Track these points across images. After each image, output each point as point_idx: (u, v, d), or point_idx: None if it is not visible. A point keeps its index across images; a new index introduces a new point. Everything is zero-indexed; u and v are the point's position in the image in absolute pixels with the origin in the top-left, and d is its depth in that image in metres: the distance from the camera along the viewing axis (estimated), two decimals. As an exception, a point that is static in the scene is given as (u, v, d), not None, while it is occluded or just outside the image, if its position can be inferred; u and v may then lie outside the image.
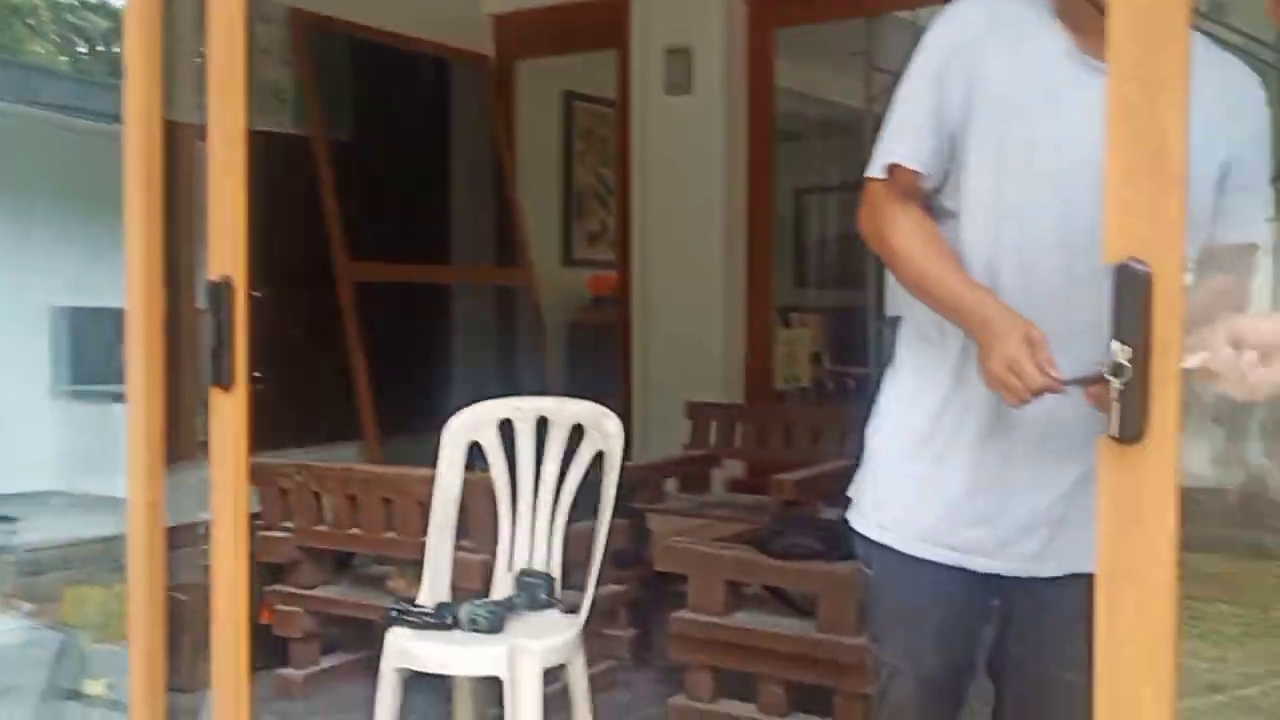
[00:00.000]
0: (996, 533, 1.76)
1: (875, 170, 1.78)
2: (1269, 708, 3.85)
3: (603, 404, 2.94)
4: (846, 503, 1.96)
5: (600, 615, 3.64)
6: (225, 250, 1.91)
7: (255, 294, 1.94)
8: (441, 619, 2.74)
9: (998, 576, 1.79)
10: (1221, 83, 1.67)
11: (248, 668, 2.00)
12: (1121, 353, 1.19)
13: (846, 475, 2.00)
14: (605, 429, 2.84)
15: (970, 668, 1.90)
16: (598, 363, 5.83)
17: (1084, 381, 1.39)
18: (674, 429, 5.03)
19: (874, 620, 1.95)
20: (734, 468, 5.21)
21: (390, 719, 2.70)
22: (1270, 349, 1.30)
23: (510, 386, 4.94)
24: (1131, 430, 1.22)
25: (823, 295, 7.58)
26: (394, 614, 2.77)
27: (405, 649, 2.66)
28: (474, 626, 2.72)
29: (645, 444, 5.35)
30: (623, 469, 2.85)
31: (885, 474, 1.87)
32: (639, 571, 3.74)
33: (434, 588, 2.88)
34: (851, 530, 1.92)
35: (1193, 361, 1.27)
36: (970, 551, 1.78)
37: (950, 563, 1.79)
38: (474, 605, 2.76)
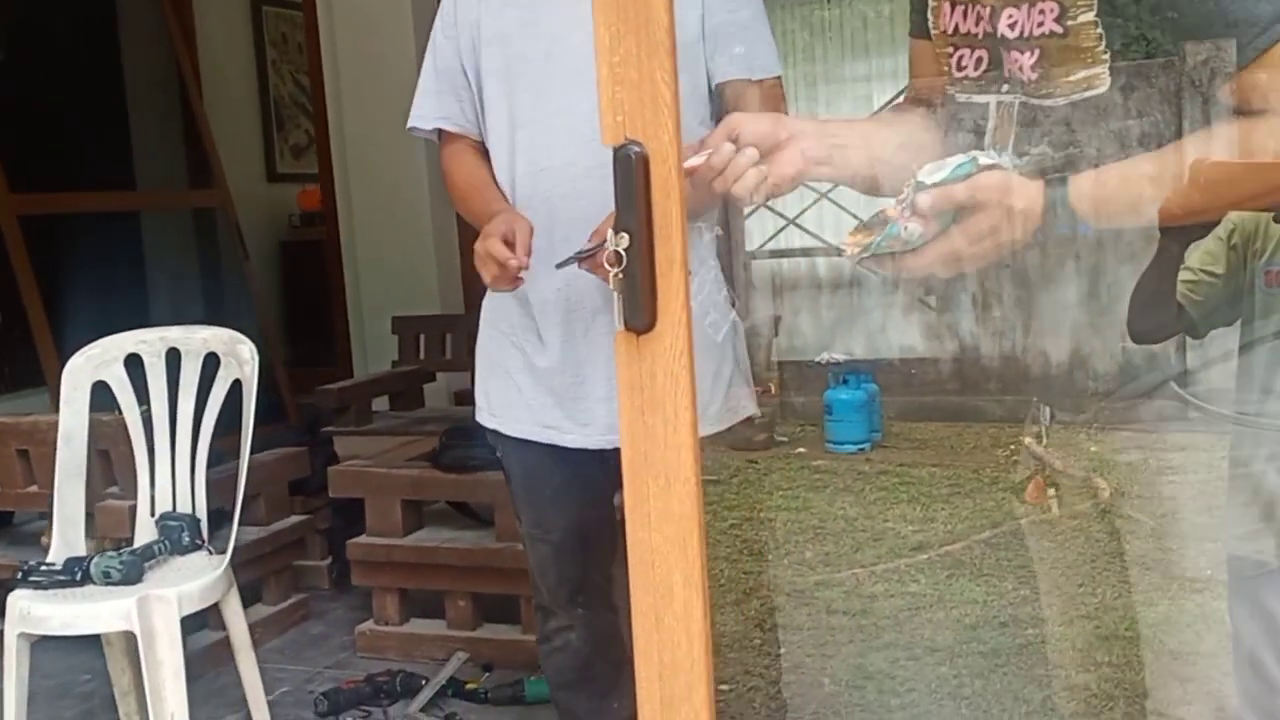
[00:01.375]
0: (575, 409, 1.93)
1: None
2: (970, 561, 4.00)
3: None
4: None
5: (289, 547, 3.49)
6: None
7: None
8: (71, 575, 2.53)
9: (587, 449, 1.93)
10: None
11: None
12: (617, 241, 1.11)
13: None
14: (240, 356, 2.65)
15: (602, 526, 2.04)
16: (313, 281, 5.57)
17: (569, 261, 1.50)
18: (391, 346, 4.87)
19: (511, 496, 2.13)
20: (460, 380, 5.08)
21: (20, 690, 2.49)
22: (767, 147, 1.27)
23: (214, 314, 4.66)
24: (639, 321, 1.15)
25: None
26: (20, 575, 2.55)
27: (25, 611, 2.45)
28: (107, 580, 2.52)
29: (363, 363, 5.17)
30: (263, 393, 2.67)
31: (487, 368, 2.05)
32: (328, 499, 3.59)
33: (67, 541, 2.65)
34: (479, 424, 2.09)
35: (694, 160, 1.24)
36: (556, 428, 1.96)
37: (543, 440, 1.97)
38: (107, 557, 2.56)
